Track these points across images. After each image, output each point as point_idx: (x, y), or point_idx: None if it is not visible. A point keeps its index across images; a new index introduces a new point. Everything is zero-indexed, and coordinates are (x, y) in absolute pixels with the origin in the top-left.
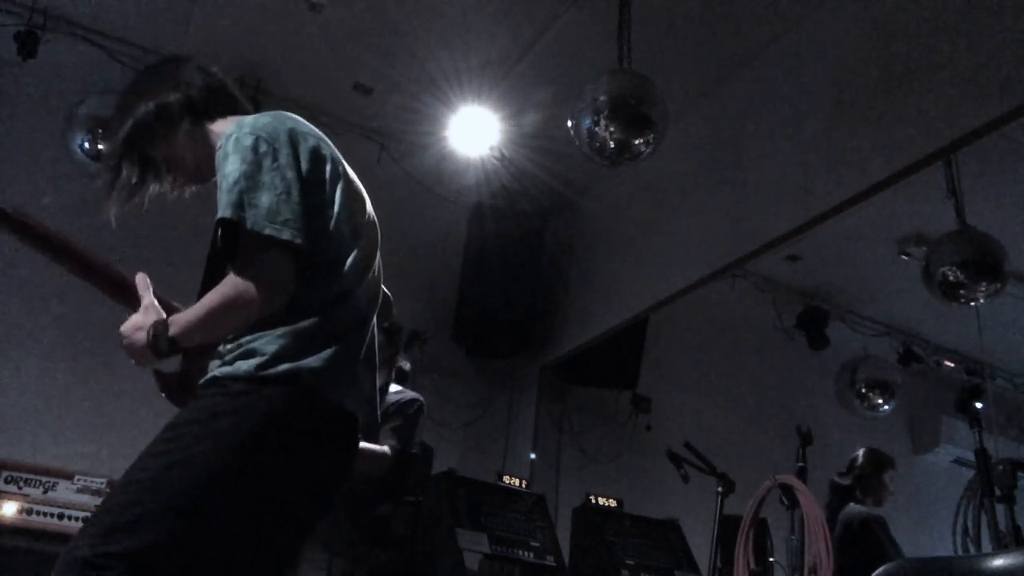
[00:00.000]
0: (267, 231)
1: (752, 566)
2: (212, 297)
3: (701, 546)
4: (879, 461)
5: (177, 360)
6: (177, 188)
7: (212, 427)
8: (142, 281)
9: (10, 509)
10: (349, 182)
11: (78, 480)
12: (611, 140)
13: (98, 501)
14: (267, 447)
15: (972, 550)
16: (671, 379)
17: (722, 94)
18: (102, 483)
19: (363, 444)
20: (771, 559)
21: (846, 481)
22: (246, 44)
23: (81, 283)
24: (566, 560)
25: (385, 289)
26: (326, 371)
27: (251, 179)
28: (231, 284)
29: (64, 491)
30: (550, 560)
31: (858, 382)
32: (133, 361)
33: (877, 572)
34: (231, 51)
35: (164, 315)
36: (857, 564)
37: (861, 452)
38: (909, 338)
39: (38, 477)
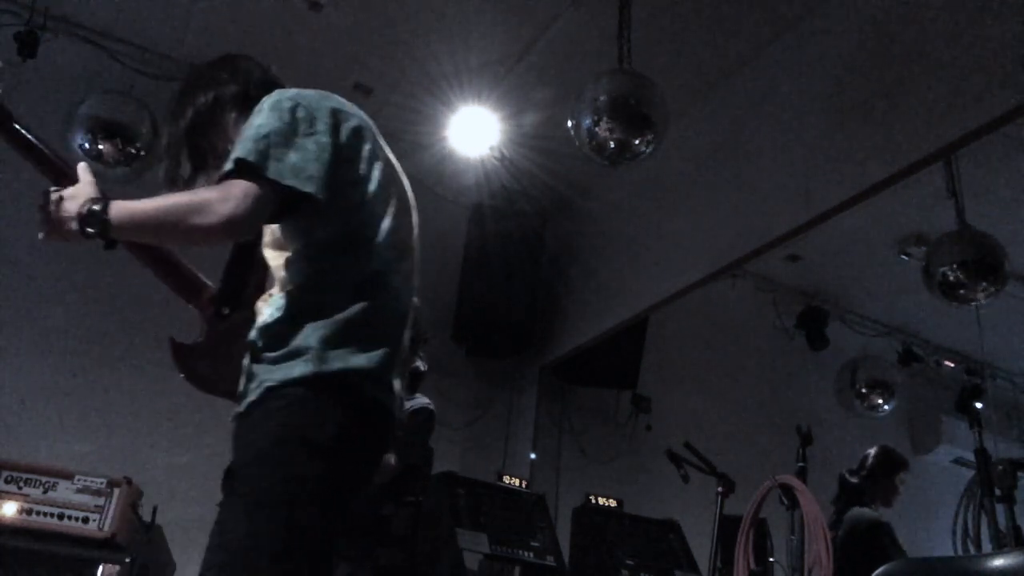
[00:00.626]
0: (287, 182)
1: (752, 566)
2: (177, 195)
3: (701, 546)
4: (892, 462)
5: (195, 333)
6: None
7: (300, 444)
8: (84, 167)
9: (10, 509)
10: (388, 164)
11: (78, 480)
12: (611, 140)
13: (99, 501)
14: (344, 452)
15: (972, 550)
16: (671, 379)
17: (722, 94)
18: (102, 483)
19: None
20: (771, 559)
21: (856, 479)
22: (246, 44)
23: (80, 283)
24: (566, 560)
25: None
26: (377, 375)
27: (282, 136)
28: (205, 192)
29: (64, 491)
30: (550, 560)
31: (858, 382)
32: (42, 233)
33: (878, 572)
34: (231, 51)
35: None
36: (859, 567)
37: (874, 450)
38: (909, 338)
39: (38, 477)
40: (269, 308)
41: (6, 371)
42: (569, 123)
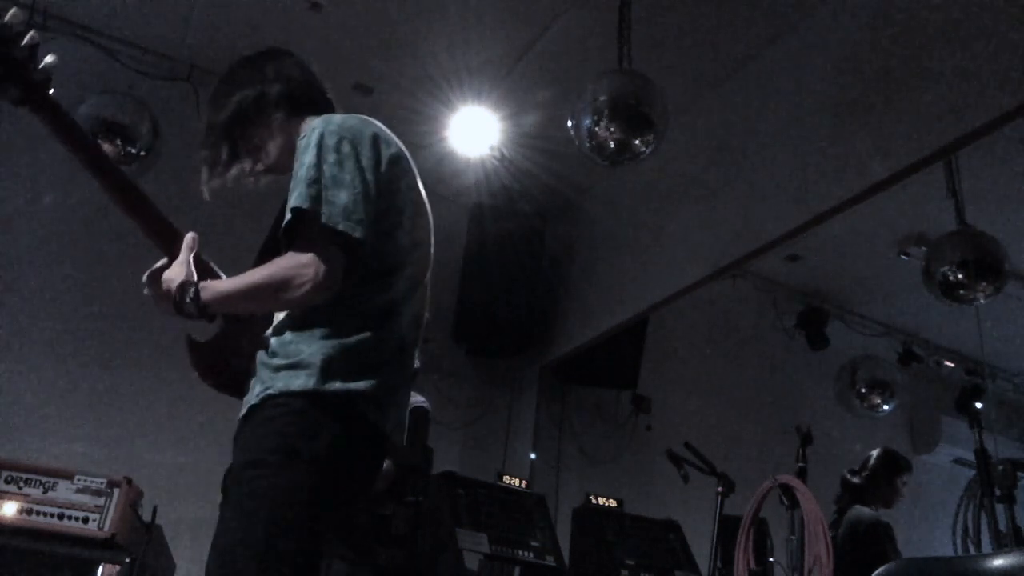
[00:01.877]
0: (341, 227)
1: (752, 566)
2: (260, 272)
3: (701, 546)
4: (894, 465)
5: (213, 329)
6: (253, 177)
7: (293, 453)
8: (191, 240)
9: (10, 509)
10: (419, 197)
11: (78, 480)
12: (611, 140)
13: (99, 501)
14: (334, 465)
15: (972, 550)
16: (671, 379)
17: (722, 94)
18: (102, 483)
19: None
20: (771, 559)
21: (857, 480)
22: (246, 44)
23: (80, 283)
24: (566, 560)
25: None
26: (373, 398)
27: (331, 177)
28: (285, 265)
29: (64, 491)
30: (550, 560)
31: (858, 382)
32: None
33: (878, 572)
34: (231, 51)
35: (195, 276)
36: (858, 566)
37: (876, 452)
38: (909, 338)
39: (38, 477)
40: (287, 317)
41: (6, 371)
42: (569, 123)
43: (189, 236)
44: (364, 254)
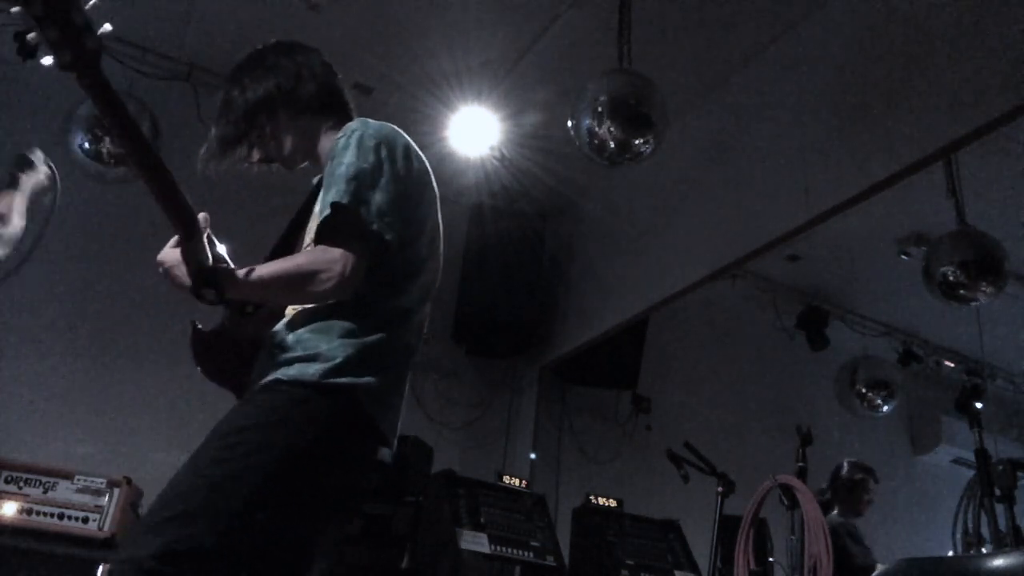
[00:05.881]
0: (375, 227)
1: (752, 566)
2: (287, 263)
3: (701, 546)
4: (858, 471)
5: (217, 318)
6: (255, 162)
7: (275, 435)
8: (203, 219)
9: (10, 509)
10: (437, 210)
11: (78, 480)
12: (611, 140)
13: (99, 501)
14: (321, 460)
15: (972, 550)
16: (671, 379)
17: (722, 94)
18: (102, 483)
19: None
20: (771, 559)
21: (826, 496)
22: (246, 44)
23: (80, 283)
24: (566, 560)
25: None
26: (378, 397)
27: (370, 176)
28: (314, 259)
29: (64, 491)
30: (550, 560)
31: (858, 382)
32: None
33: (877, 572)
34: (231, 51)
35: (211, 260)
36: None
37: (844, 464)
38: (909, 338)
39: (38, 477)
40: (301, 316)
41: (6, 371)
42: (569, 123)
43: (202, 216)
44: (390, 257)
